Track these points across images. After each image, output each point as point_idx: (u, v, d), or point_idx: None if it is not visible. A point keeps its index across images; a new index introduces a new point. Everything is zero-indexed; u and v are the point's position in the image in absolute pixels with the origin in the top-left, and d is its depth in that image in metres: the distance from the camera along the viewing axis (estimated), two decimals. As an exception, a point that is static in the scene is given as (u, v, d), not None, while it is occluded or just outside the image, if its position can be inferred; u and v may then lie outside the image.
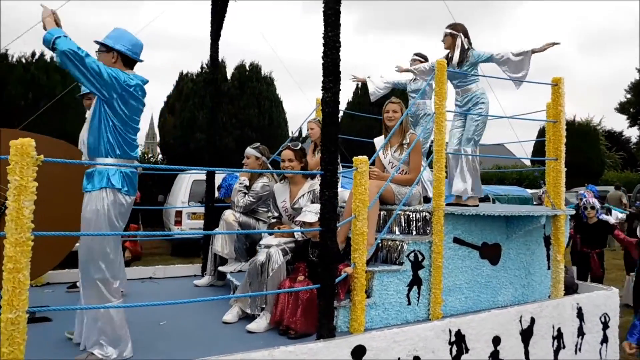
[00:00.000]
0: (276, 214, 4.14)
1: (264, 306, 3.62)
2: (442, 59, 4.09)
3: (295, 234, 3.83)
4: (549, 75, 4.62)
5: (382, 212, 4.26)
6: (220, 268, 4.63)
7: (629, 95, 34.46)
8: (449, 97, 4.30)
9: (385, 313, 3.72)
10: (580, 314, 4.61)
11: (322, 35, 3.14)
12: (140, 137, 5.44)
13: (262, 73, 18.38)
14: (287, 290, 3.40)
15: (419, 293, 3.90)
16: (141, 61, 3.20)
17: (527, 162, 29.08)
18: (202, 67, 18.30)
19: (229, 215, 4.60)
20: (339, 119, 3.15)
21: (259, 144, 4.83)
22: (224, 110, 16.87)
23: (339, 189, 5.12)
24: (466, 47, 4.67)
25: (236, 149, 14.25)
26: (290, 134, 15.98)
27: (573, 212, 4.88)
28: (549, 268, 4.78)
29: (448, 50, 4.89)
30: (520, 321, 4.13)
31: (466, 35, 4.81)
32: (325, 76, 3.13)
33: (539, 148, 24.90)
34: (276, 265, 3.61)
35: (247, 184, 4.68)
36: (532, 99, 4.80)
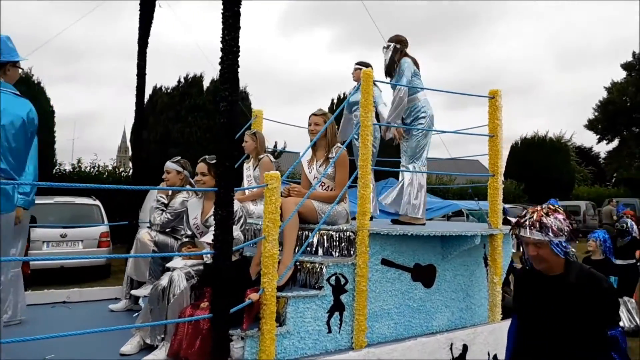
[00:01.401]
0: (189, 232, 3.82)
1: (163, 336, 3.29)
2: (368, 69, 3.85)
3: (204, 255, 3.51)
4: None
5: (305, 232, 3.97)
6: (133, 291, 4.27)
7: (596, 113, 35.10)
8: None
9: (301, 342, 3.41)
10: (520, 339, 4.36)
11: (220, 39, 2.87)
12: (112, 151, 5.27)
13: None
14: (182, 320, 3.08)
15: (340, 320, 3.61)
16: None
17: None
18: (179, 81, 18.01)
19: (144, 234, 4.26)
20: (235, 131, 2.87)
21: (179, 157, 4.52)
22: (199, 124, 16.59)
23: (260, 207, 4.84)
24: (392, 54, 4.55)
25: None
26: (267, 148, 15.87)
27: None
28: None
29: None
30: (451, 349, 3.86)
31: (398, 43, 4.65)
32: (222, 84, 2.85)
33: (511, 163, 24.91)
34: (178, 290, 3.28)
35: (166, 201, 4.35)
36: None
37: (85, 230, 9.45)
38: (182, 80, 18.03)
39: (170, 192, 4.37)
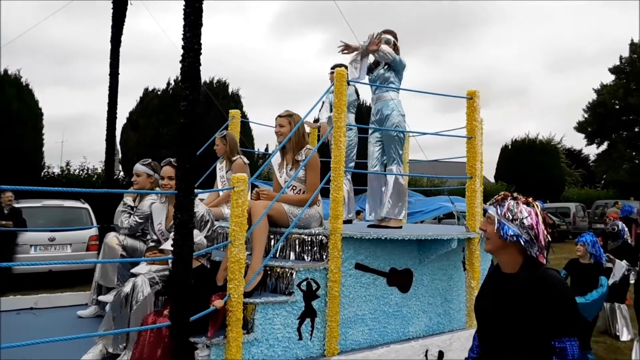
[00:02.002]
0: (155, 237, 3.70)
1: (125, 344, 3.17)
2: (341, 69, 3.76)
3: (170, 261, 3.39)
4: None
5: (277, 236, 3.86)
6: (101, 297, 4.15)
7: (586, 115, 35.23)
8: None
9: (270, 350, 3.31)
10: (499, 345, 4.27)
11: (182, 36, 2.77)
12: (101, 154, 5.08)
13: (230, 90, 17.96)
14: (143, 327, 2.96)
15: (312, 326, 3.51)
16: None
17: (491, 179, 29.40)
18: (168, 83, 17.83)
19: (111, 238, 4.13)
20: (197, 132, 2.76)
21: (150, 159, 4.40)
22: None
23: (227, 210, 4.73)
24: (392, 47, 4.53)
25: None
26: (256, 151, 15.60)
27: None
28: (468, 294, 4.45)
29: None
30: (426, 355, 3.77)
31: (395, 38, 4.62)
32: (183, 82, 2.75)
33: (501, 166, 24.82)
34: (141, 296, 3.17)
35: (132, 204, 4.22)
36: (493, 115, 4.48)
37: (74, 234, 9.28)
38: (172, 82, 17.87)
39: (138, 195, 4.25)
